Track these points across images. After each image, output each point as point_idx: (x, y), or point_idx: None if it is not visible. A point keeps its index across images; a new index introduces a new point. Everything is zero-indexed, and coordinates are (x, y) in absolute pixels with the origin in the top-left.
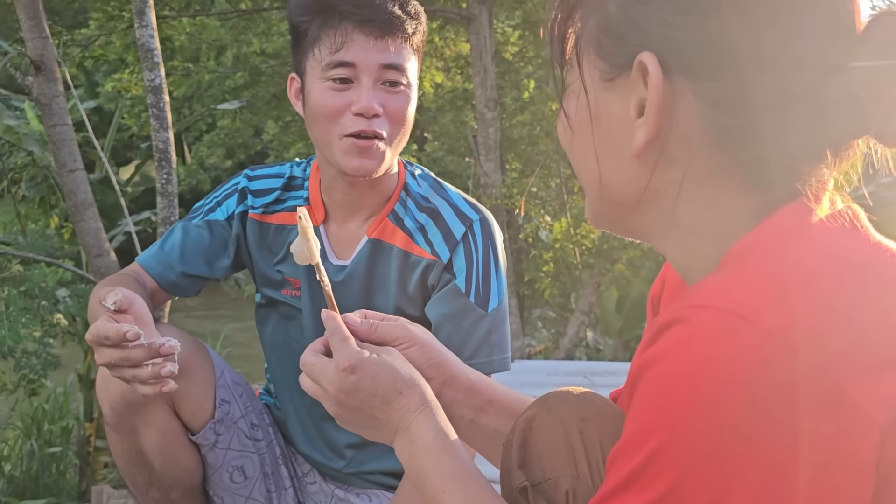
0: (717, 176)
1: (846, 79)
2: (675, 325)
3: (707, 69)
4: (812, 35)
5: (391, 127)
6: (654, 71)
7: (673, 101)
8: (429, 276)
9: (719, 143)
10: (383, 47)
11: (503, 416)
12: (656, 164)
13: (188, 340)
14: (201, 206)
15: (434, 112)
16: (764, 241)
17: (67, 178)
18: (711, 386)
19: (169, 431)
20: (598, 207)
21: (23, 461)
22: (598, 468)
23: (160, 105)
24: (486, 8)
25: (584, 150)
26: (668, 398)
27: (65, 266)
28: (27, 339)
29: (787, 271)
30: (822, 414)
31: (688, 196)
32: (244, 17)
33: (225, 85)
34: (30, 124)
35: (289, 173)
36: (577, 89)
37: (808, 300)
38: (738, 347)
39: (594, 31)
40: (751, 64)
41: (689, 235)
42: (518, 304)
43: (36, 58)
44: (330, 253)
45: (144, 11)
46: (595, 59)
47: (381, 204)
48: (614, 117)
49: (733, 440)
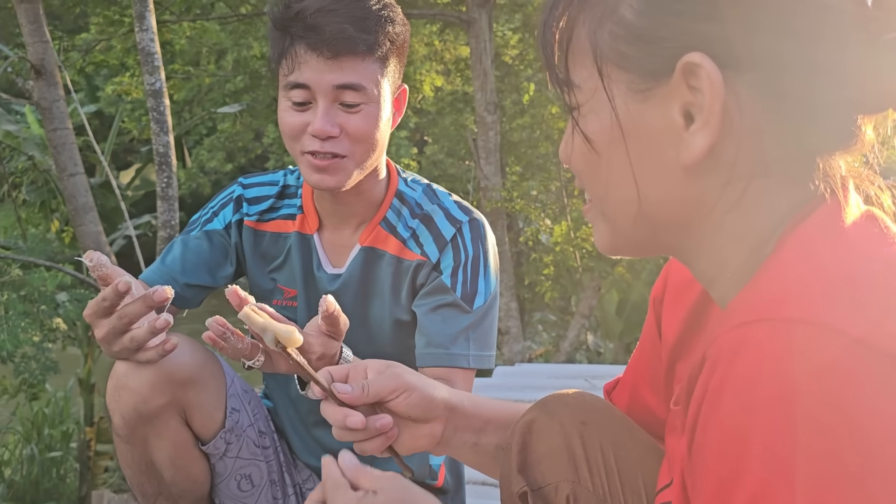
0: (760, 175)
1: (882, 50)
2: (741, 347)
3: (757, 59)
4: (839, 9)
5: (352, 146)
6: (712, 69)
7: (730, 100)
8: (418, 275)
9: (772, 136)
10: (336, 68)
11: (503, 432)
12: (712, 171)
13: (199, 349)
14: (198, 218)
15: (434, 115)
16: (800, 248)
17: (68, 182)
18: (812, 403)
19: (180, 442)
20: (630, 231)
21: (23, 466)
22: (598, 472)
23: (160, 109)
24: (485, 11)
25: (617, 172)
26: (765, 432)
27: (65, 270)
28: (26, 343)
29: (832, 274)
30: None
31: (730, 199)
32: (244, 21)
33: (225, 89)
34: (30, 128)
35: (282, 181)
36: (597, 108)
37: (868, 299)
38: (831, 358)
39: (609, 42)
40: (796, 46)
41: (727, 242)
42: (518, 308)
43: (36, 62)
44: (325, 261)
45: (145, 15)
46: (618, 72)
47: (371, 211)
48: (654, 130)
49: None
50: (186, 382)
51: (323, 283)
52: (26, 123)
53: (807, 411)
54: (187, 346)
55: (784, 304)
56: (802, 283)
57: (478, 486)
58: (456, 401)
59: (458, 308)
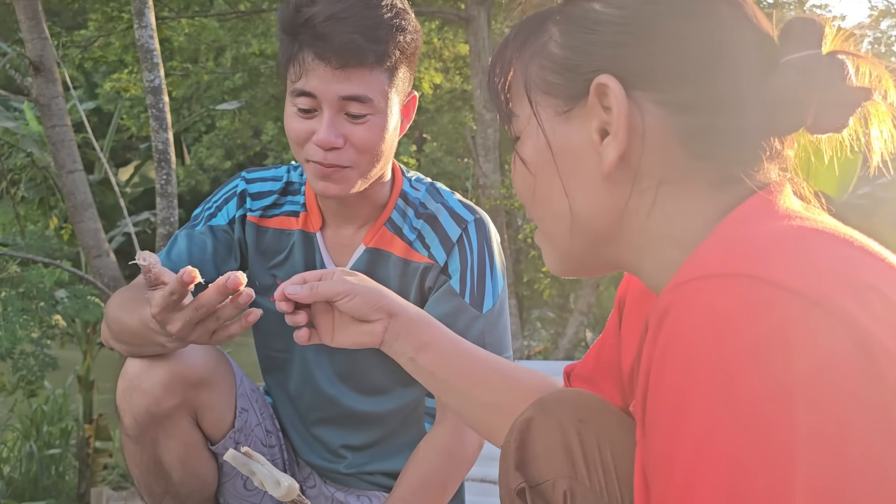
0: (684, 180)
1: (783, 74)
2: (673, 306)
3: (661, 78)
4: (741, 41)
5: (357, 156)
6: (615, 87)
7: (635, 114)
8: (426, 279)
9: (684, 146)
10: (344, 78)
11: (441, 363)
12: (627, 180)
13: (211, 350)
14: (201, 211)
15: (433, 113)
16: (723, 230)
17: (66, 179)
18: (734, 349)
19: (191, 443)
20: (569, 245)
21: (22, 463)
22: (595, 469)
23: (159, 106)
24: (484, 9)
25: (549, 189)
26: (696, 372)
27: (63, 266)
28: (25, 340)
29: (760, 235)
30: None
31: (660, 206)
32: (243, 18)
33: (224, 86)
34: (29, 125)
35: (286, 177)
36: (532, 133)
37: (785, 255)
38: (748, 304)
39: (539, 73)
40: (697, 69)
41: (663, 246)
42: (517, 305)
43: (35, 59)
44: (328, 261)
45: (144, 12)
46: (545, 99)
47: (375, 212)
48: (577, 147)
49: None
50: (198, 383)
51: None
52: (25, 120)
53: (739, 352)
54: (199, 347)
55: (710, 264)
56: (727, 247)
57: (476, 483)
58: (400, 310)
59: (469, 314)
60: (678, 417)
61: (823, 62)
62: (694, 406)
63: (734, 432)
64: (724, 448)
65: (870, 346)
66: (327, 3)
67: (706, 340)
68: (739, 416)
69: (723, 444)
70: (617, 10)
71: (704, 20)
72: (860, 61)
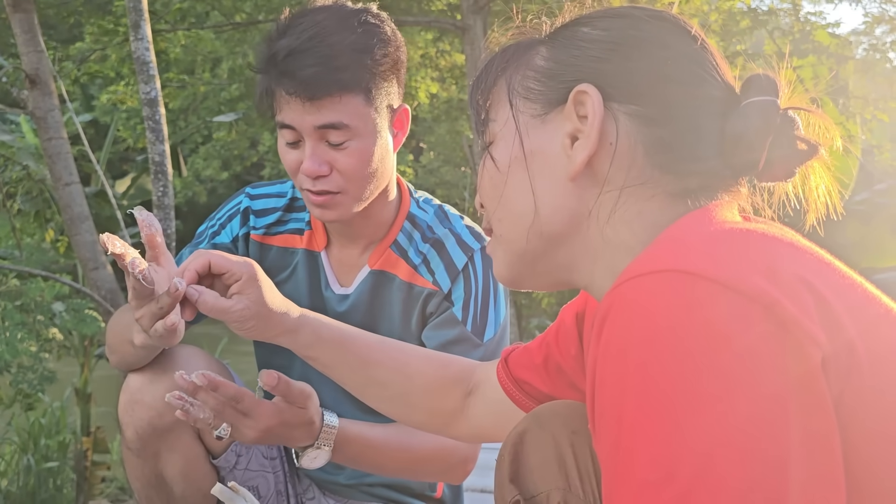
0: (644, 188)
1: (743, 114)
2: (611, 308)
3: (636, 93)
4: (705, 84)
5: (345, 182)
6: (594, 94)
7: (609, 121)
8: (429, 304)
9: (648, 156)
10: (315, 110)
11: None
12: (593, 185)
13: (213, 362)
14: (205, 229)
15: (430, 122)
16: (665, 236)
17: (63, 192)
18: (671, 340)
19: (192, 456)
20: (523, 247)
21: (19, 476)
22: (589, 481)
23: (156, 118)
24: (480, 18)
25: (516, 188)
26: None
27: (61, 280)
28: (24, 353)
29: (691, 236)
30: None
31: (620, 211)
32: (239, 29)
33: (220, 97)
34: (25, 138)
35: (291, 194)
36: (506, 134)
37: (720, 254)
38: (676, 296)
39: (521, 81)
40: (666, 90)
41: (617, 251)
42: (516, 314)
43: (31, 72)
44: (333, 280)
45: (140, 25)
46: (524, 103)
47: (381, 232)
48: (548, 149)
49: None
50: None
51: (332, 303)
52: (21, 133)
53: (671, 340)
54: (202, 359)
55: (643, 264)
56: (658, 248)
57: (476, 493)
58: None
59: (470, 343)
60: (619, 411)
61: (779, 111)
62: (629, 400)
63: (664, 420)
64: (656, 436)
65: (791, 328)
66: (294, 35)
67: (635, 336)
68: (670, 406)
69: (655, 433)
70: (602, 31)
71: (676, 54)
72: (811, 116)
